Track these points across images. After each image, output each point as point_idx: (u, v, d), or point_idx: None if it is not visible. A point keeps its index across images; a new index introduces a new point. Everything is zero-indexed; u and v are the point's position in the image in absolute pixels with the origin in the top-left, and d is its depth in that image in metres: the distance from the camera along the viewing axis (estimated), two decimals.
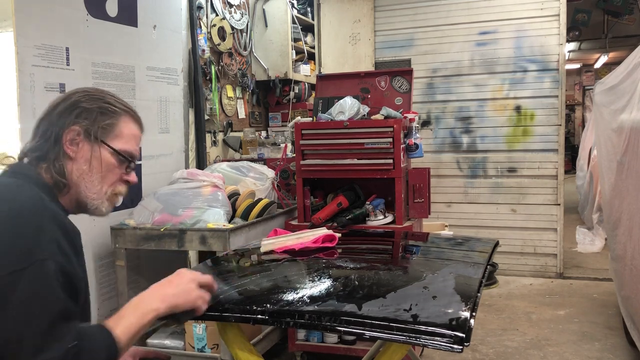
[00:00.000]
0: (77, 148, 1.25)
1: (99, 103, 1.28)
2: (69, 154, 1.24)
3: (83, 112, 1.25)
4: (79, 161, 1.25)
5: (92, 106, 1.27)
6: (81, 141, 1.25)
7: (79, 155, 1.25)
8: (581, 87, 13.76)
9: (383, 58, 5.10)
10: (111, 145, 1.28)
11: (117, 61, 3.02)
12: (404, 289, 1.56)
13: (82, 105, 1.26)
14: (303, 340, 3.15)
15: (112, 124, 1.28)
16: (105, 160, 1.27)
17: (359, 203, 3.08)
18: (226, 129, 4.22)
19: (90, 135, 1.25)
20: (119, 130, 1.30)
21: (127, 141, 1.32)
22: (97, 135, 1.26)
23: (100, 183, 1.28)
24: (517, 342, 3.43)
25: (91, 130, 1.25)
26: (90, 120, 1.25)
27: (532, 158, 4.75)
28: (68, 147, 1.24)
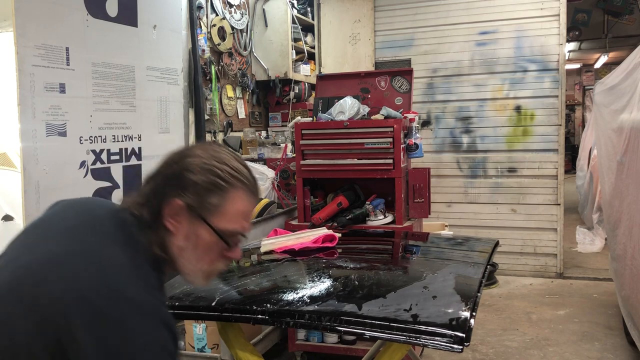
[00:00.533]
0: (178, 223, 1.13)
1: (210, 176, 1.13)
2: (169, 228, 1.13)
3: (190, 186, 1.13)
4: (178, 237, 1.14)
5: (202, 180, 1.13)
6: (183, 216, 1.13)
7: (179, 231, 1.14)
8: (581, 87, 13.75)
9: (383, 58, 5.10)
10: (215, 225, 1.14)
11: (117, 61, 3.02)
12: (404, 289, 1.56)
13: (191, 178, 1.13)
14: (303, 340, 3.15)
15: (219, 204, 1.14)
16: (205, 239, 1.15)
17: (359, 203, 3.08)
18: (226, 129, 4.22)
19: (193, 212, 1.13)
20: (226, 208, 1.15)
21: (234, 219, 1.17)
22: (201, 213, 1.13)
23: (198, 261, 1.17)
24: (517, 342, 3.43)
25: (195, 208, 1.13)
26: (196, 196, 1.13)
27: (532, 158, 4.75)
28: (168, 220, 1.13)
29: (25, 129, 2.42)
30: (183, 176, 1.13)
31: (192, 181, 1.13)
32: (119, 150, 3.04)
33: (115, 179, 3.02)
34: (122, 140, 3.05)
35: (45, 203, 2.47)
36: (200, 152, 1.17)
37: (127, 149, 3.09)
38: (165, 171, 1.16)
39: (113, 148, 3.00)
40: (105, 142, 2.95)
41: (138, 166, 3.19)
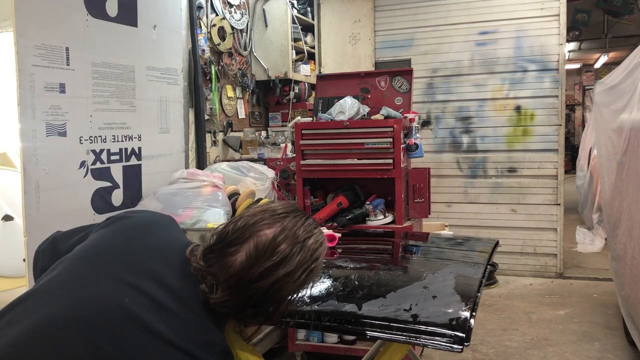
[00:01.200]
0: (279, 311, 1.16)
1: (318, 275, 1.16)
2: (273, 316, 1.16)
3: (304, 283, 1.13)
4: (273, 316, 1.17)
5: (311, 281, 1.15)
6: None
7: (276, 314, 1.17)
8: (581, 87, 13.75)
9: (383, 58, 5.10)
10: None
11: (117, 61, 3.02)
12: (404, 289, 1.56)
13: (304, 286, 1.14)
14: (303, 340, 3.15)
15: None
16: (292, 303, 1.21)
17: (359, 203, 3.08)
18: (226, 129, 4.22)
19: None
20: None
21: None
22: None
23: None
24: (517, 342, 3.43)
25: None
26: (300, 290, 1.15)
27: (532, 158, 4.75)
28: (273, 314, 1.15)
29: (25, 129, 2.43)
30: (300, 287, 1.12)
31: (305, 286, 1.13)
32: (119, 150, 3.04)
33: (115, 179, 3.02)
34: (122, 140, 3.05)
35: (45, 203, 2.48)
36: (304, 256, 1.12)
37: (127, 149, 3.09)
38: (278, 287, 1.10)
39: (113, 148, 3.00)
40: (105, 142, 2.95)
41: (138, 166, 3.19)
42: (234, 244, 1.10)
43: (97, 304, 1.02)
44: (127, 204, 3.09)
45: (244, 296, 1.09)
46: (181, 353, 1.01)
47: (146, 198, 3.02)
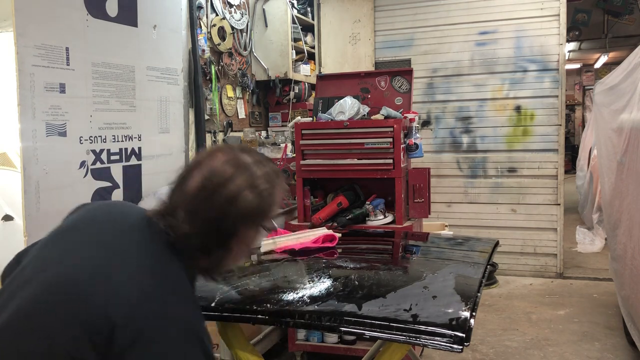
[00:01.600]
0: (242, 243, 1.20)
1: (269, 199, 1.18)
2: (234, 249, 1.19)
3: (256, 216, 1.17)
4: (235, 252, 1.21)
5: (265, 207, 1.18)
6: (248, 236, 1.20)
7: (240, 247, 1.21)
8: (581, 87, 13.75)
9: (383, 58, 5.10)
10: (267, 226, 1.24)
11: (117, 61, 3.02)
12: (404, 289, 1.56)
13: (256, 211, 1.16)
14: (303, 340, 3.15)
15: (271, 210, 1.22)
16: (254, 240, 1.24)
17: (359, 203, 3.08)
18: (226, 129, 4.22)
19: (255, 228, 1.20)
20: (272, 210, 1.24)
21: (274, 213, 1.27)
22: (262, 224, 1.21)
23: (243, 256, 1.27)
24: (517, 342, 3.43)
25: (259, 227, 1.20)
26: (260, 219, 1.19)
27: (532, 158, 4.75)
28: (235, 246, 1.19)
29: (25, 129, 2.42)
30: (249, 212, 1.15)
31: (258, 213, 1.16)
32: (118, 150, 3.03)
33: (115, 179, 3.02)
34: (122, 140, 3.05)
35: (45, 203, 2.48)
36: (244, 178, 1.16)
37: (127, 149, 3.09)
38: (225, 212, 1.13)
39: (113, 148, 3.00)
40: (105, 142, 2.95)
41: (138, 166, 3.19)
42: (190, 170, 1.18)
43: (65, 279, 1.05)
44: None
45: (203, 221, 1.13)
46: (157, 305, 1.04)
47: (146, 198, 3.02)
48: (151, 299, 1.04)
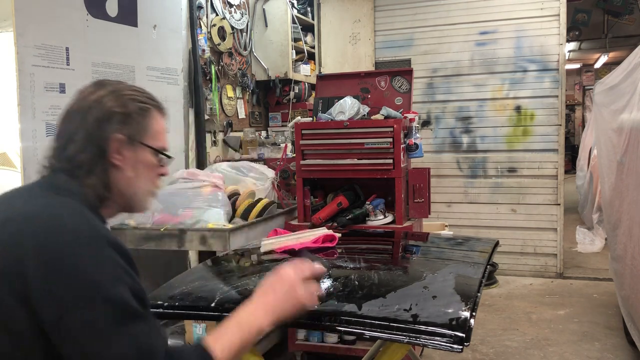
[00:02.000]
0: (123, 157, 1.19)
1: (134, 104, 1.21)
2: (116, 163, 1.18)
3: (123, 118, 1.18)
4: (125, 169, 1.20)
5: (130, 110, 1.20)
6: (125, 149, 1.19)
7: (125, 164, 1.20)
8: (581, 87, 13.75)
9: (383, 58, 5.10)
10: (152, 146, 1.25)
11: (117, 61, 3.02)
12: (404, 289, 1.56)
13: (119, 111, 1.18)
14: (303, 340, 3.15)
15: (150, 124, 1.25)
16: (148, 162, 1.25)
17: (359, 203, 3.08)
18: (226, 129, 4.22)
19: (133, 141, 1.20)
20: (154, 128, 1.26)
21: (161, 137, 1.30)
22: (140, 139, 1.22)
23: (146, 185, 1.25)
24: (517, 342, 3.43)
25: (134, 136, 1.20)
26: (131, 125, 1.20)
27: (532, 158, 4.75)
28: (115, 157, 1.18)
29: (25, 129, 2.43)
30: (113, 113, 1.17)
31: (124, 113, 1.18)
32: None
33: None
34: None
35: None
36: (112, 88, 1.21)
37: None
38: (89, 116, 1.16)
39: None
40: None
41: None
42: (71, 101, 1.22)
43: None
44: None
45: (72, 133, 1.17)
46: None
47: None
48: (41, 219, 1.04)
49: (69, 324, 0.97)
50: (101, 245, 1.03)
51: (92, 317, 0.97)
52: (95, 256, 1.02)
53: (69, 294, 0.97)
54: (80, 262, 1.00)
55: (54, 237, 1.01)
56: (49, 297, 0.97)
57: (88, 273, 0.99)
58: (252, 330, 1.15)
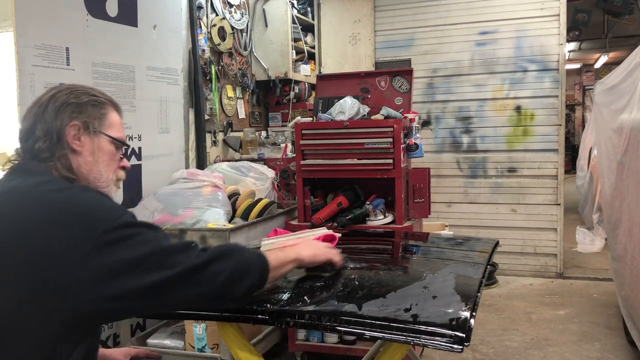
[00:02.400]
0: (80, 142, 1.29)
1: (87, 97, 1.33)
2: (75, 148, 1.29)
3: (77, 107, 1.30)
4: (85, 154, 1.30)
5: (83, 100, 1.31)
6: (82, 135, 1.30)
7: (85, 149, 1.30)
8: (581, 87, 13.76)
9: (383, 58, 5.10)
10: (108, 134, 1.35)
11: (117, 61, 3.02)
12: (404, 289, 1.56)
13: (73, 102, 1.30)
14: (303, 340, 3.15)
15: (104, 114, 1.34)
16: (106, 149, 1.34)
17: (359, 203, 3.08)
18: (226, 129, 4.22)
19: (89, 128, 1.31)
20: (110, 120, 1.36)
21: (118, 129, 1.38)
22: (95, 126, 1.32)
23: (106, 171, 1.35)
24: (517, 342, 3.43)
25: (89, 123, 1.31)
26: (86, 113, 1.31)
27: (532, 158, 4.75)
28: (73, 142, 1.28)
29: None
30: (68, 103, 1.29)
31: (78, 103, 1.30)
32: None
33: None
34: None
35: None
36: (66, 87, 1.34)
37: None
38: (46, 110, 1.28)
39: None
40: None
41: (138, 166, 3.19)
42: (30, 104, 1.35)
43: None
44: (127, 203, 3.09)
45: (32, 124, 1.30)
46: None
47: (146, 198, 3.02)
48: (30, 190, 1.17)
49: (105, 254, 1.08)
50: (94, 191, 1.20)
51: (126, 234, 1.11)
52: (95, 197, 1.17)
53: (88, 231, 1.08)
54: (86, 203, 1.14)
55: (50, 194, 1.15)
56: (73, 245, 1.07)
57: (96, 208, 1.14)
58: (292, 256, 1.45)
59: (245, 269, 1.27)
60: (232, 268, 1.23)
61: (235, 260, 1.26)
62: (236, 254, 1.28)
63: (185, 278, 1.15)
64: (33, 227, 1.09)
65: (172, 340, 2.93)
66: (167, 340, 2.92)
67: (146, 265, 1.11)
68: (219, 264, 1.21)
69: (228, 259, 1.24)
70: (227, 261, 1.23)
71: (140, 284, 1.10)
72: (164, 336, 2.96)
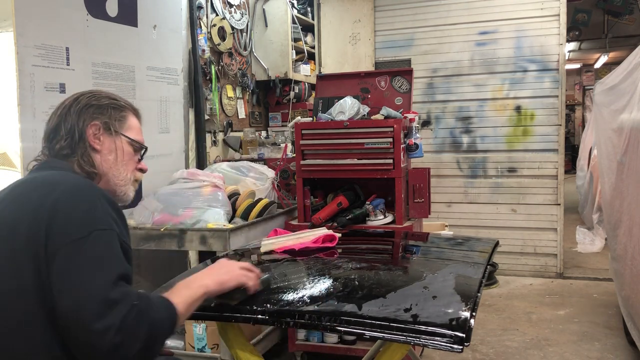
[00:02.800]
0: (101, 141, 1.37)
1: (108, 100, 1.41)
2: (95, 147, 1.37)
3: (98, 109, 1.38)
4: (105, 152, 1.38)
5: (104, 103, 1.40)
6: (102, 135, 1.38)
7: (104, 147, 1.38)
8: (581, 87, 13.76)
9: (383, 58, 5.10)
10: (128, 135, 1.43)
11: (117, 61, 3.02)
12: (404, 289, 1.56)
13: (95, 103, 1.38)
14: (303, 340, 3.15)
15: (124, 117, 1.43)
16: (125, 150, 1.42)
17: (359, 203, 3.08)
18: (226, 129, 4.22)
19: (109, 129, 1.39)
20: (129, 123, 1.44)
21: (137, 132, 1.47)
22: (116, 128, 1.40)
23: (125, 170, 1.42)
24: (517, 342, 3.43)
25: (110, 124, 1.39)
26: (107, 115, 1.39)
27: (532, 158, 4.75)
28: (93, 140, 1.36)
29: (25, 129, 2.43)
30: (90, 105, 1.38)
31: (99, 105, 1.38)
32: None
33: None
34: None
35: None
36: (89, 91, 1.42)
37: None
38: (70, 111, 1.36)
39: None
40: None
41: None
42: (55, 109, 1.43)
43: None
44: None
45: (57, 125, 1.37)
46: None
47: (146, 198, 3.02)
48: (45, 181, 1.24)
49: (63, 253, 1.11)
50: (96, 196, 1.22)
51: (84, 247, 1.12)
52: (91, 202, 1.20)
53: (68, 229, 1.13)
54: (78, 205, 1.17)
55: (57, 187, 1.20)
56: (52, 234, 1.13)
57: (84, 212, 1.17)
58: (199, 289, 1.31)
59: (161, 332, 1.17)
60: (146, 336, 1.11)
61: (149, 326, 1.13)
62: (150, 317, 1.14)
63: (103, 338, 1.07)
64: (40, 206, 1.16)
65: (172, 340, 2.93)
66: (167, 340, 2.92)
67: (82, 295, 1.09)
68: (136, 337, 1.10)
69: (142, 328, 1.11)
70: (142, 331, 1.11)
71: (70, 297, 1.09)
72: None
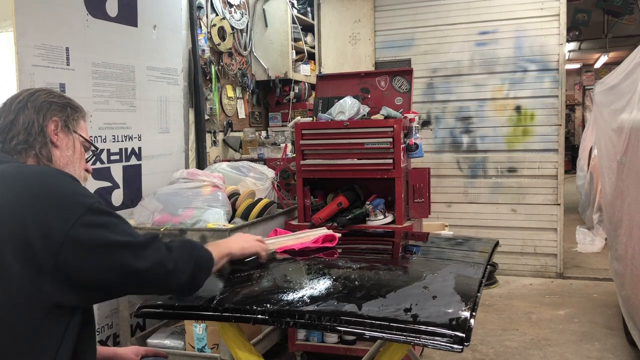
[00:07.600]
0: (59, 137, 1.41)
1: (64, 100, 1.45)
2: (55, 142, 1.39)
3: (58, 106, 1.41)
4: (63, 148, 1.41)
5: (62, 102, 1.43)
6: (60, 131, 1.41)
7: (63, 144, 1.41)
8: (581, 87, 13.76)
9: (383, 58, 5.10)
10: (82, 135, 1.47)
11: (117, 61, 3.02)
12: (404, 289, 1.56)
13: (54, 101, 1.41)
14: (303, 340, 3.15)
15: (78, 117, 1.47)
16: (78, 149, 1.46)
17: (359, 203, 3.08)
18: (226, 129, 4.22)
19: (68, 127, 1.43)
20: (81, 124, 1.49)
21: (87, 134, 1.51)
22: (71, 126, 1.44)
23: (79, 168, 1.47)
24: (517, 342, 3.43)
25: (67, 122, 1.43)
26: (65, 113, 1.43)
27: (532, 158, 4.75)
28: (53, 136, 1.39)
29: None
30: (49, 102, 1.40)
31: (58, 104, 1.42)
32: (118, 150, 3.04)
33: (115, 179, 3.02)
34: (122, 140, 3.06)
35: None
36: (44, 89, 1.44)
37: (127, 149, 3.10)
38: (26, 106, 1.37)
39: (113, 148, 3.00)
40: (105, 142, 2.95)
41: (138, 166, 3.19)
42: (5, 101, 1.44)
43: None
44: (127, 203, 3.09)
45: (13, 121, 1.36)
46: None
47: (146, 198, 3.02)
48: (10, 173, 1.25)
49: (75, 234, 1.16)
50: (67, 176, 1.27)
51: (90, 219, 1.18)
52: (71, 180, 1.26)
53: (64, 215, 1.16)
54: (65, 184, 1.23)
55: (31, 174, 1.24)
56: (48, 223, 1.15)
57: (74, 190, 1.22)
58: (224, 251, 1.58)
59: (203, 265, 1.44)
60: (193, 266, 1.38)
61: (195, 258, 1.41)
62: (195, 252, 1.42)
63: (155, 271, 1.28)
64: (16, 202, 1.18)
65: (172, 340, 2.93)
66: (167, 340, 2.92)
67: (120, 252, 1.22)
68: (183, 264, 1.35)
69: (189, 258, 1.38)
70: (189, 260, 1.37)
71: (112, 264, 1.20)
72: (163, 336, 2.96)
